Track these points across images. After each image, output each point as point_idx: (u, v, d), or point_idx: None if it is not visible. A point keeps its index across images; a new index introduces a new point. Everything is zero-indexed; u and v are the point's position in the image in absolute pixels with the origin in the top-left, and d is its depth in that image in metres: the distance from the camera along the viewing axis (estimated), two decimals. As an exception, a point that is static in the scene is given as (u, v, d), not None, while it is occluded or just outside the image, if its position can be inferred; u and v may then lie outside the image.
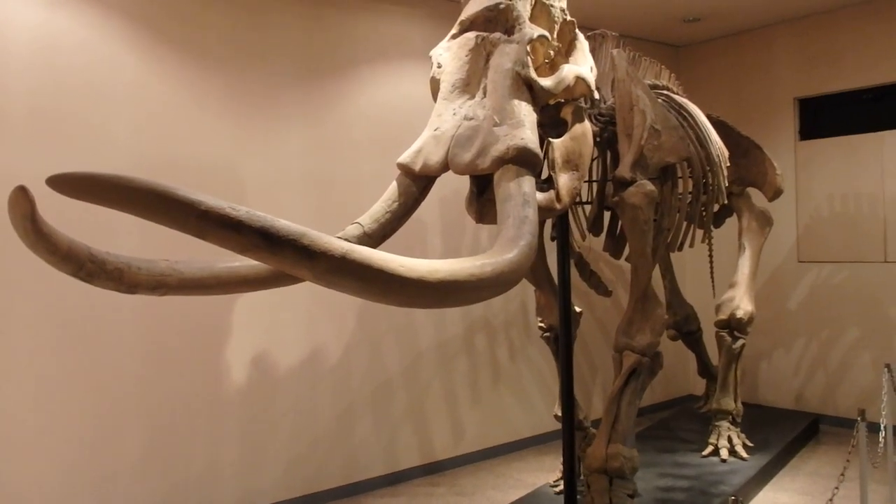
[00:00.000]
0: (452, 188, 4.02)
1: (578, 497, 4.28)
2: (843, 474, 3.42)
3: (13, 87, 4.22)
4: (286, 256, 1.85)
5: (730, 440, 5.61)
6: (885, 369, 4.79)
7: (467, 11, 3.37)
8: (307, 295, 5.21)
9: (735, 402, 5.78)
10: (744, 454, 5.52)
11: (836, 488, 3.41)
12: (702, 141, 4.88)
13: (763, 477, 5.42)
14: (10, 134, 4.21)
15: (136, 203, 1.72)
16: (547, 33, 3.26)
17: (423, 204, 3.20)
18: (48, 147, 4.31)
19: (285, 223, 1.84)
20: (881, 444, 4.34)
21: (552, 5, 3.39)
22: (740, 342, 5.73)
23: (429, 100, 3.36)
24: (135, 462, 4.62)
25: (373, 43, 5.73)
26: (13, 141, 4.21)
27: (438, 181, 3.14)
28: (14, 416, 4.21)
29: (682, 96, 5.43)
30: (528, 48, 3.15)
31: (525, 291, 6.22)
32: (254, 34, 5.14)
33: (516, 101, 3.03)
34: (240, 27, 5.08)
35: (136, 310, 4.61)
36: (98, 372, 4.48)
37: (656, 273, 6.28)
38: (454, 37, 3.36)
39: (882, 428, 4.45)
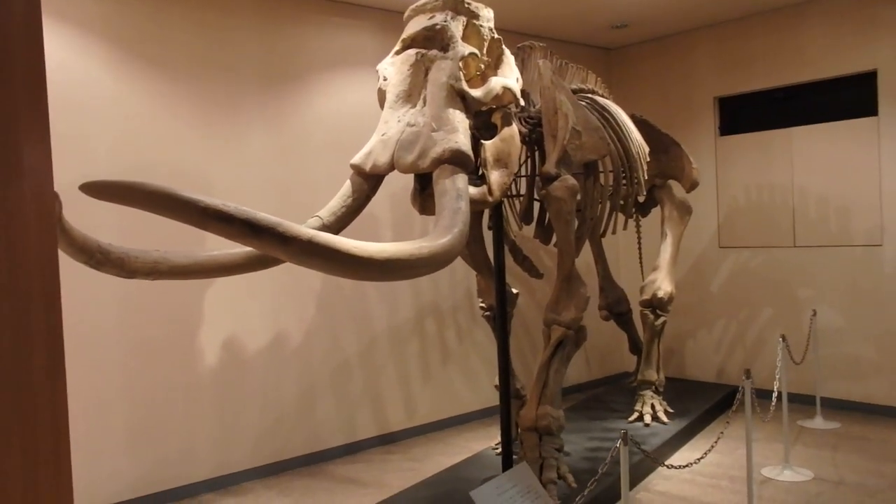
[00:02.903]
0: (401, 185, 4.50)
1: (514, 456, 4.85)
2: (728, 422, 4.05)
3: None
4: (266, 241, 2.36)
5: (653, 407, 6.26)
6: (780, 339, 5.48)
7: (409, 30, 3.90)
8: (272, 285, 5.71)
9: (658, 373, 6.44)
10: (665, 419, 6.17)
11: (722, 433, 4.04)
12: (622, 139, 5.48)
13: (681, 439, 6.07)
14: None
15: (152, 202, 2.21)
16: (476, 50, 3.80)
17: (375, 200, 3.71)
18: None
19: (265, 215, 2.36)
20: (773, 405, 5.01)
21: (482, 25, 3.92)
22: (662, 319, 6.38)
23: (377, 106, 3.87)
24: (120, 439, 5.08)
25: (327, 54, 6.22)
26: None
27: (388, 180, 3.65)
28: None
29: (606, 98, 6.02)
30: (461, 64, 3.69)
31: (469, 279, 6.78)
32: (217, 49, 5.59)
33: (451, 110, 3.55)
34: (204, 43, 5.53)
35: (117, 302, 5.05)
36: (85, 358, 4.91)
37: (590, 259, 6.96)
38: (397, 53, 3.88)
39: (775, 390, 5.13)
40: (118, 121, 5.14)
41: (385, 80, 3.83)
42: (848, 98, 7.17)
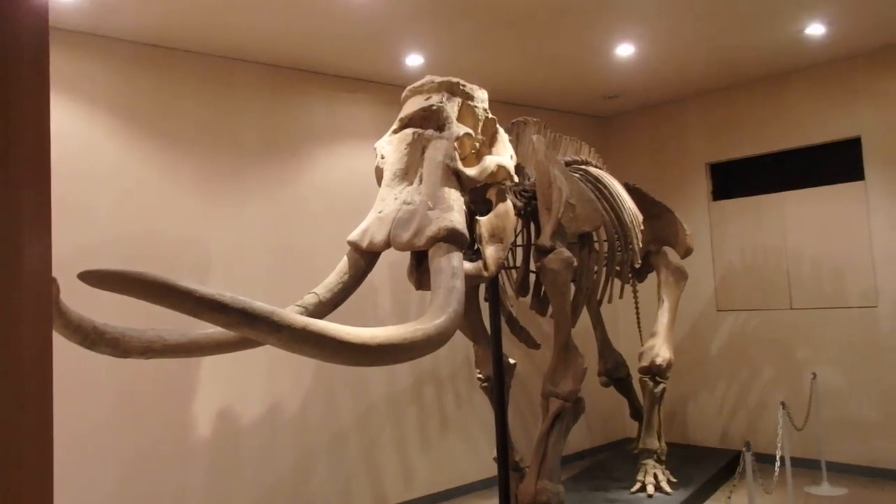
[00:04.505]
0: (400, 254, 4.55)
1: (515, 530, 4.78)
2: (729, 497, 4.01)
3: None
4: (260, 329, 2.39)
5: (655, 477, 6.17)
6: (780, 406, 5.46)
7: (406, 110, 4.01)
8: (268, 351, 5.68)
9: (659, 440, 6.37)
10: (668, 489, 6.08)
11: (723, 508, 4.00)
12: (615, 209, 5.57)
13: (685, 509, 5.99)
14: None
15: (148, 292, 2.25)
16: (471, 131, 3.91)
17: (375, 268, 3.74)
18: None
19: (259, 304, 2.39)
20: (776, 473, 4.96)
21: (476, 106, 4.04)
22: (661, 386, 6.34)
23: (375, 176, 3.95)
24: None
25: (326, 124, 6.37)
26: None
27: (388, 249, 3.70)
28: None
29: (600, 168, 6.13)
30: (456, 144, 3.78)
31: (468, 345, 6.76)
32: (219, 119, 5.74)
33: (446, 189, 3.64)
34: (206, 113, 5.68)
35: (110, 364, 5.01)
36: (74, 421, 4.85)
37: (588, 325, 6.96)
38: (395, 131, 3.98)
39: (777, 458, 5.08)
40: (120, 188, 5.24)
41: (382, 158, 3.92)
42: (835, 163, 7.30)
